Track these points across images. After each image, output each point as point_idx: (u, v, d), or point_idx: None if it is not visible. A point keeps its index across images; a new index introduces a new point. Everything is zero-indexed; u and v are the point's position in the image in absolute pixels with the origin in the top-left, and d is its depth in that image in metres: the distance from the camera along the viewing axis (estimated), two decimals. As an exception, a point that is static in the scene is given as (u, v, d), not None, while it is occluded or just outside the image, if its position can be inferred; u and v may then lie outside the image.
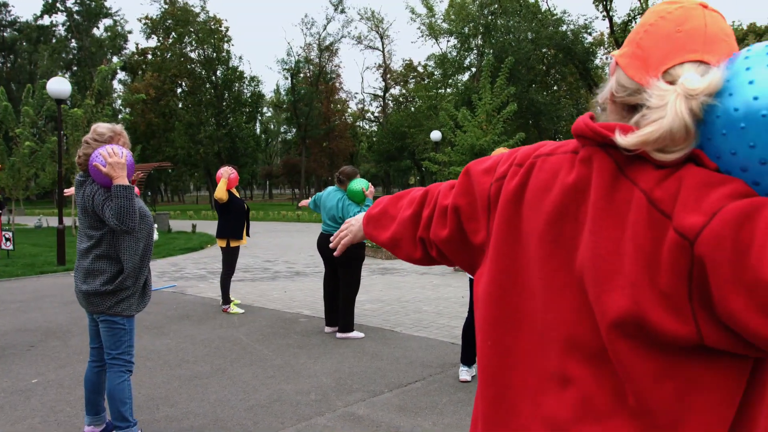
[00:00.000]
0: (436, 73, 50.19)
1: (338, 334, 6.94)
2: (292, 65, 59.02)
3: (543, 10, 44.34)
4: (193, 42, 55.33)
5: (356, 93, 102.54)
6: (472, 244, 1.28)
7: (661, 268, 0.94)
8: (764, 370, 1.00)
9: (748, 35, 55.13)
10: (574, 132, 1.08)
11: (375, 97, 67.19)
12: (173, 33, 55.12)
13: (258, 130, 70.93)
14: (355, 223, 1.74)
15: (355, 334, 6.92)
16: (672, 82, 1.00)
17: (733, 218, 0.88)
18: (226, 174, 7.99)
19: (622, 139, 1.00)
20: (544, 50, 44.43)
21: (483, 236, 1.25)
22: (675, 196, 0.95)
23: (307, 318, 8.04)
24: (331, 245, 1.80)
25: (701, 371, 0.96)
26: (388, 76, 64.00)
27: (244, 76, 58.71)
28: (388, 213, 1.58)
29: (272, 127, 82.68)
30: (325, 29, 67.73)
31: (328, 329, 7.22)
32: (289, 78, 59.34)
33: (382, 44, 63.69)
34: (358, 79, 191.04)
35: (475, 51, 47.47)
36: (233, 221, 8.15)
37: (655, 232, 0.95)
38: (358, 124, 70.16)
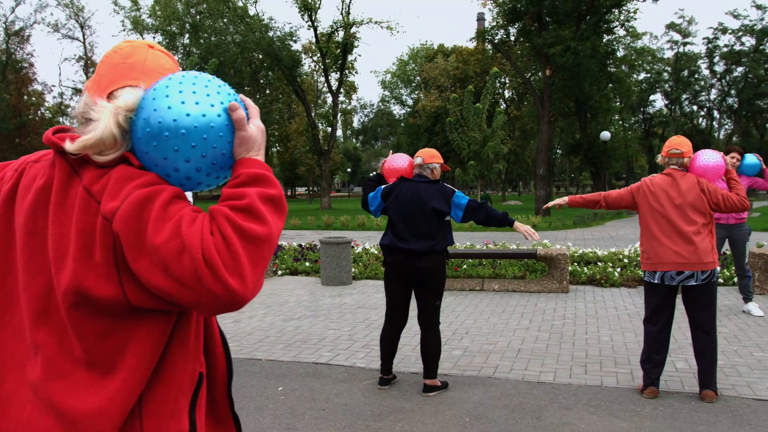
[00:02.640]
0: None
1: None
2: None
3: (252, 14, 45.98)
4: None
5: (53, 86, 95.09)
6: None
7: (95, 246, 1.18)
8: (184, 321, 1.34)
9: (437, 54, 62.65)
10: (44, 141, 1.29)
11: (76, 91, 63.47)
12: None
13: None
14: None
15: None
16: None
17: (137, 201, 1.16)
18: None
19: (69, 146, 1.23)
20: (252, 54, 46.02)
21: None
22: (105, 188, 1.20)
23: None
24: None
25: (135, 326, 1.24)
26: (91, 69, 60.94)
27: None
28: None
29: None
30: (13, 12, 62.18)
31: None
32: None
33: (83, 35, 60.49)
34: (55, 71, 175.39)
35: (182, 50, 47.70)
36: None
37: (91, 217, 1.19)
38: (59, 119, 65.50)
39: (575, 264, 10.43)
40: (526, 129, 55.58)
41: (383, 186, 5.05)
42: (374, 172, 5.37)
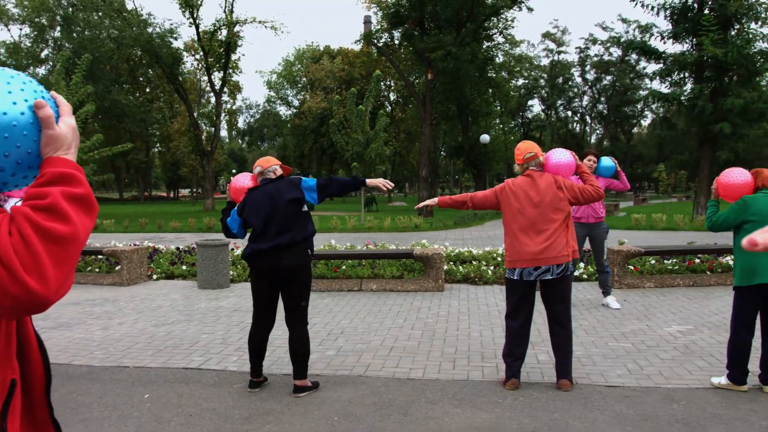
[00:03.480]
0: (8, 62, 46.41)
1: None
2: None
3: (129, 9, 44.29)
4: None
5: None
6: None
7: None
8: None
9: (323, 55, 62.62)
10: None
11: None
12: None
13: None
14: None
15: None
16: None
17: None
18: None
19: None
20: (130, 51, 44.35)
21: None
22: None
23: None
24: None
25: None
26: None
27: None
28: None
29: None
30: None
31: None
32: None
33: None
34: None
35: (52, 44, 45.27)
36: None
37: None
38: None
39: (451, 263, 10.73)
40: (410, 131, 56.60)
41: (237, 206, 5.07)
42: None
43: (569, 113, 71.30)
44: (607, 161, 7.66)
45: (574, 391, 4.87)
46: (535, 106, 79.76)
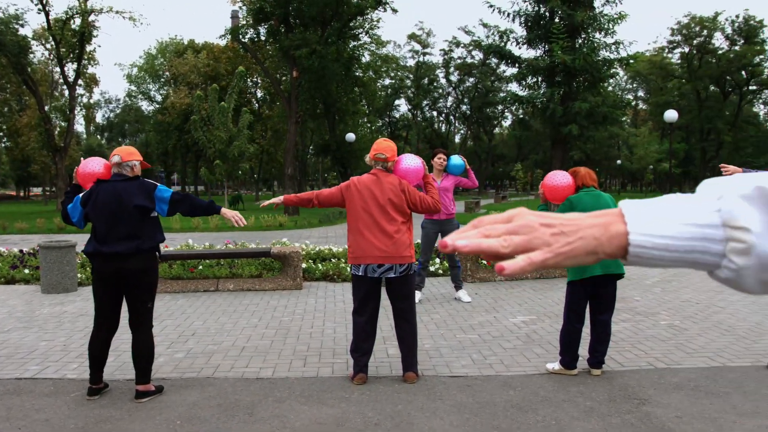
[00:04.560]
0: None
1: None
2: None
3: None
4: None
5: None
6: None
7: None
8: None
9: (187, 49, 60.55)
10: None
11: None
12: None
13: None
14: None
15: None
16: None
17: None
18: None
19: None
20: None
21: None
22: None
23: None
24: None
25: None
26: None
27: None
28: None
29: None
30: None
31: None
32: None
33: None
34: None
35: None
36: None
37: None
38: None
39: (311, 261, 10.73)
40: (278, 129, 56.03)
41: (81, 194, 4.78)
42: (73, 182, 5.05)
43: (434, 113, 73.33)
44: (456, 160, 7.93)
45: (420, 383, 5.01)
46: (402, 106, 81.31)
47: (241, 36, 34.74)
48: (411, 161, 5.14)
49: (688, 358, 5.64)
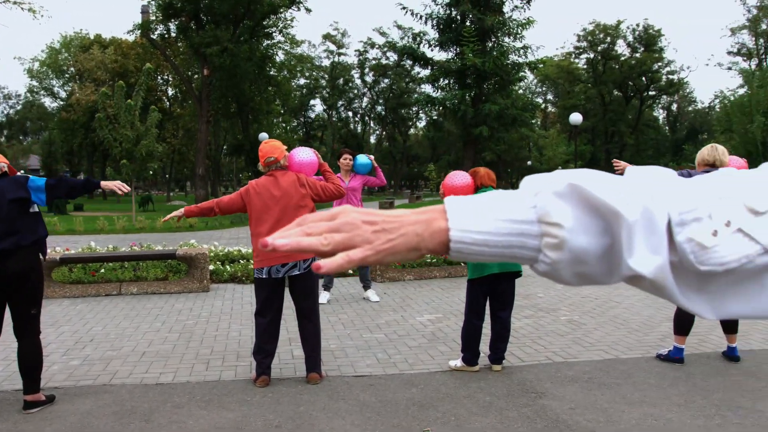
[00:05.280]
0: None
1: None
2: None
3: None
4: None
5: None
6: None
7: None
8: None
9: (93, 44, 58.22)
10: None
11: None
12: None
13: None
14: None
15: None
16: None
17: None
18: None
19: None
20: None
21: None
22: None
23: None
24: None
25: None
26: None
27: None
28: None
29: None
30: None
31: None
32: None
33: None
34: None
35: None
36: None
37: None
38: None
39: (219, 263, 10.53)
40: (189, 128, 54.77)
41: None
42: None
43: (350, 114, 73.46)
44: (363, 158, 7.97)
45: (323, 384, 5.00)
46: (317, 106, 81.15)
47: (150, 32, 33.78)
48: (304, 154, 5.15)
49: (585, 351, 5.86)
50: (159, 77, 54.70)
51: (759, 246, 0.71)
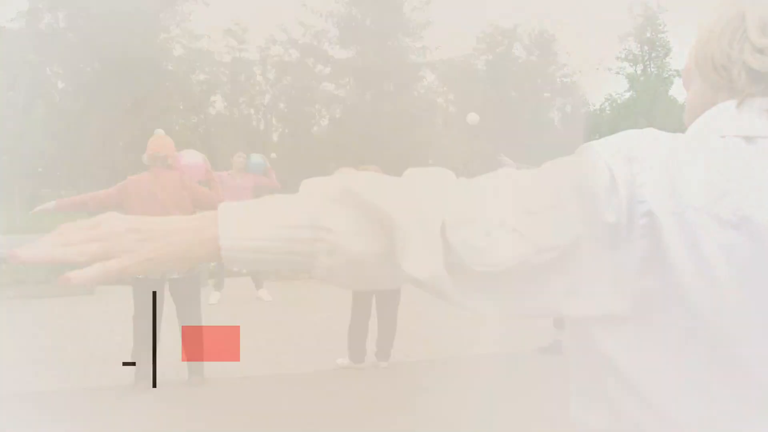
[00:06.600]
0: None
1: None
2: None
3: None
4: None
5: None
6: None
7: None
8: None
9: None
10: None
11: None
12: None
13: None
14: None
15: None
16: None
17: None
18: None
19: None
20: None
21: None
22: None
23: None
24: None
25: None
26: None
27: None
28: None
29: None
30: None
31: None
32: None
33: None
34: None
35: None
36: None
37: None
38: None
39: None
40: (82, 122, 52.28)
41: None
42: None
43: (252, 111, 72.18)
44: (256, 158, 7.88)
45: (206, 386, 4.91)
46: (218, 102, 79.15)
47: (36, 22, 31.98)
48: (192, 158, 5.05)
49: (476, 347, 6.01)
50: (48, 69, 52.04)
51: (533, 245, 0.73)
